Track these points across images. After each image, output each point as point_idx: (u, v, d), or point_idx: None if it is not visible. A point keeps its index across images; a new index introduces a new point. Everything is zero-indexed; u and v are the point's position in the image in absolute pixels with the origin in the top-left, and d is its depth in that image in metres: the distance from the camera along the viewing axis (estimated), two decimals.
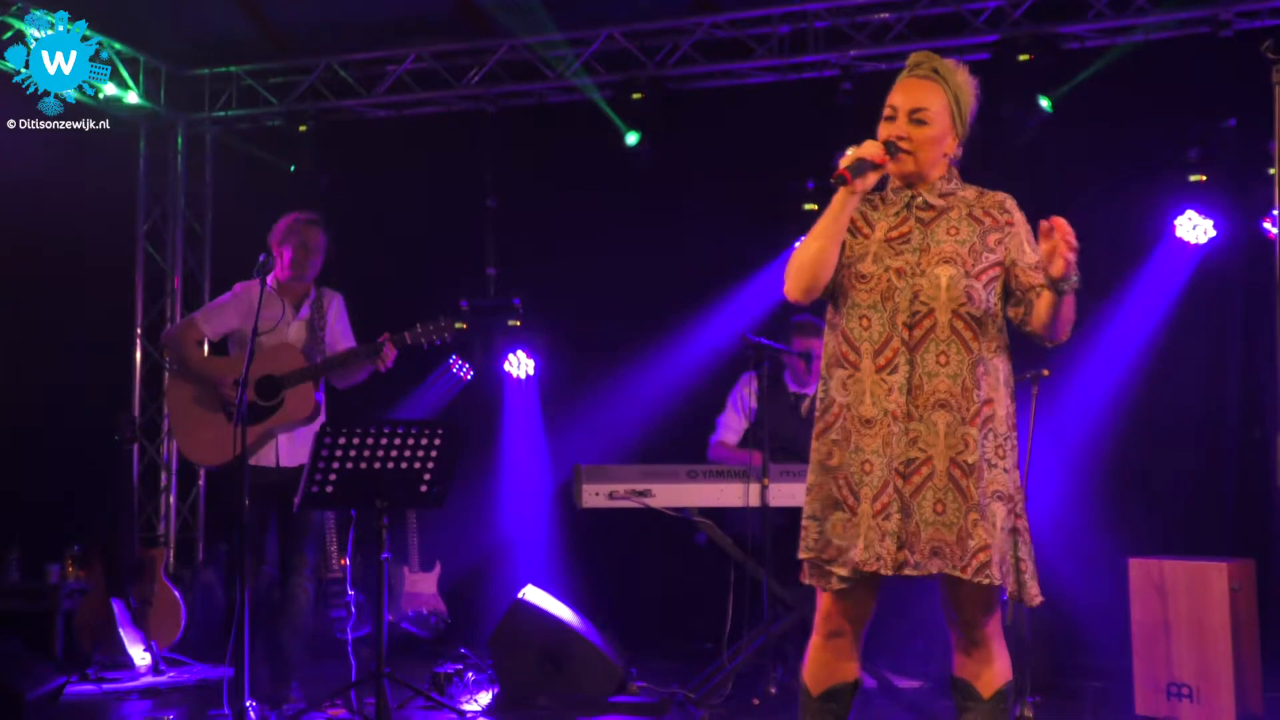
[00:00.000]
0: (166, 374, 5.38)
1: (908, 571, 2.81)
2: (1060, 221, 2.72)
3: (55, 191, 6.69)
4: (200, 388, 5.07)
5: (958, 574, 2.79)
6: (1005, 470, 2.87)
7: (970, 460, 2.82)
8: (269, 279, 4.98)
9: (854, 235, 2.98)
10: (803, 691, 3.04)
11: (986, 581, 2.79)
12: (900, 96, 2.95)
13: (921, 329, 2.85)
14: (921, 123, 2.91)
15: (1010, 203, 2.98)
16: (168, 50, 7.23)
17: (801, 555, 2.94)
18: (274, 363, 4.94)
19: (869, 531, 2.84)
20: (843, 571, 2.88)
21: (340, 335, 5.24)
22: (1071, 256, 2.72)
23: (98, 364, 7.35)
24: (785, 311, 5.88)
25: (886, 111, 2.97)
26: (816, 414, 2.99)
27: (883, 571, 2.82)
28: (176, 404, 5.22)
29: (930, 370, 2.84)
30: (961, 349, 2.85)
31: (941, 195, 2.96)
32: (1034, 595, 2.92)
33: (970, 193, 2.99)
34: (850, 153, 2.87)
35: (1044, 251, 2.75)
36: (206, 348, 5.39)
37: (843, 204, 2.87)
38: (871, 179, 2.87)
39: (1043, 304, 2.85)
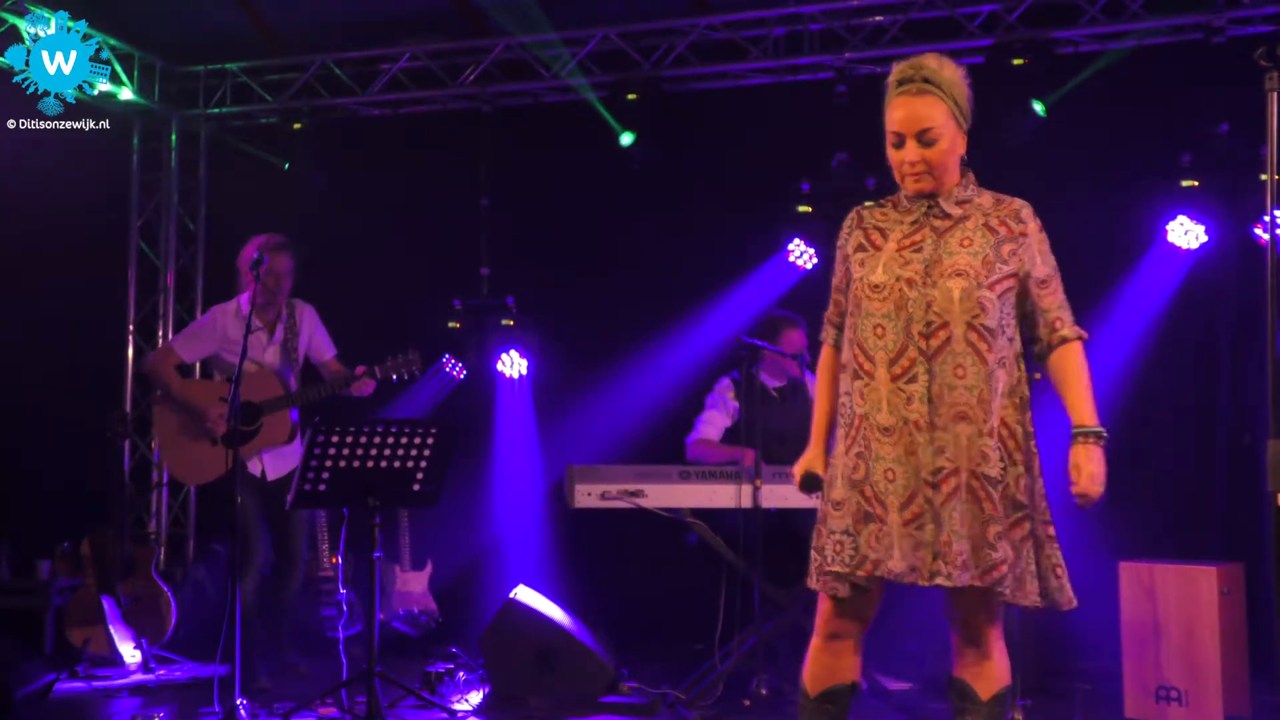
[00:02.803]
0: (152, 399, 5.57)
1: (939, 582, 2.79)
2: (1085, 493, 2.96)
3: (48, 187, 6.67)
4: (184, 415, 5.40)
5: (976, 584, 2.79)
6: (1014, 479, 2.88)
7: (990, 473, 2.82)
8: (245, 303, 5.28)
9: (866, 250, 2.97)
10: (802, 692, 3.05)
11: (1008, 598, 2.82)
12: (901, 119, 2.88)
13: (938, 339, 2.83)
14: (932, 142, 2.87)
15: (1026, 211, 2.94)
16: (162, 46, 7.22)
17: (836, 569, 2.88)
18: (253, 390, 5.27)
19: (903, 541, 2.82)
20: (860, 582, 2.87)
21: (320, 346, 5.56)
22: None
23: (90, 360, 7.34)
24: None
25: (891, 138, 2.91)
26: (845, 428, 2.96)
27: (920, 583, 2.81)
28: (163, 429, 5.55)
29: (949, 383, 2.82)
30: (977, 361, 2.83)
31: (959, 203, 2.94)
32: (1068, 600, 2.91)
33: (987, 200, 2.96)
34: (796, 472, 3.12)
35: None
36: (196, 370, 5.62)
37: None
38: None
39: (1058, 380, 2.99)
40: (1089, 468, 2.93)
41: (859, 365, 2.92)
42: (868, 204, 3.06)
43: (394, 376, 5.32)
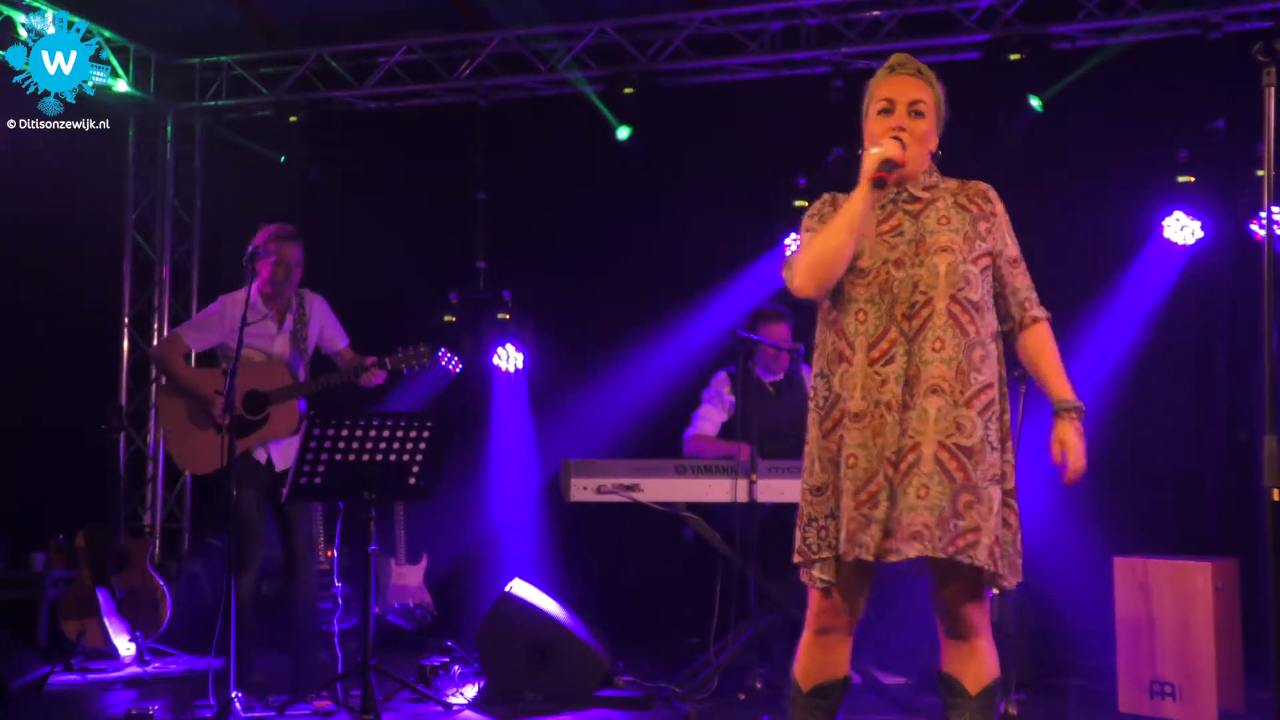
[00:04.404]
0: (155, 387, 5.44)
1: (891, 558, 2.80)
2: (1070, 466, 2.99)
3: (43, 180, 6.65)
4: (190, 402, 5.27)
5: (937, 554, 2.77)
6: (1003, 455, 2.91)
7: (967, 443, 2.83)
8: (253, 290, 5.12)
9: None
10: (793, 687, 3.05)
11: (968, 561, 2.78)
12: (894, 89, 2.99)
13: (920, 318, 2.87)
14: (920, 115, 2.97)
15: (992, 193, 3.03)
16: (157, 38, 7.20)
17: (824, 556, 2.91)
18: (261, 379, 5.13)
19: (850, 522, 2.84)
20: (827, 572, 2.90)
21: (333, 336, 5.42)
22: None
23: (85, 352, 7.32)
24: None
25: (880, 104, 2.99)
26: (819, 412, 2.98)
27: (864, 558, 2.81)
28: (169, 417, 5.40)
29: (926, 358, 2.86)
30: (958, 333, 2.87)
31: (925, 188, 3.00)
32: (1006, 579, 2.88)
33: (952, 184, 3.03)
34: (876, 152, 2.89)
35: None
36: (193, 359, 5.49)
37: (869, 201, 2.89)
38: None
39: (1032, 357, 3.03)
40: (1078, 443, 2.98)
41: (840, 351, 2.95)
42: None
43: (404, 368, 5.22)
